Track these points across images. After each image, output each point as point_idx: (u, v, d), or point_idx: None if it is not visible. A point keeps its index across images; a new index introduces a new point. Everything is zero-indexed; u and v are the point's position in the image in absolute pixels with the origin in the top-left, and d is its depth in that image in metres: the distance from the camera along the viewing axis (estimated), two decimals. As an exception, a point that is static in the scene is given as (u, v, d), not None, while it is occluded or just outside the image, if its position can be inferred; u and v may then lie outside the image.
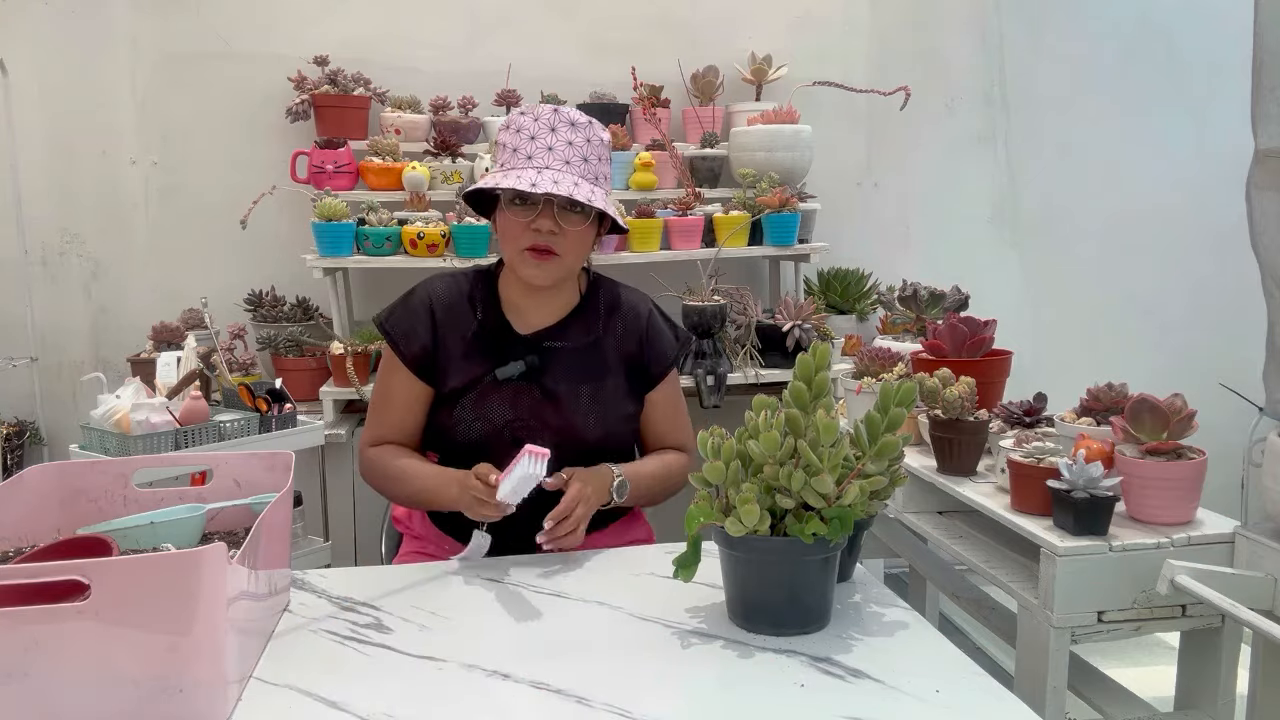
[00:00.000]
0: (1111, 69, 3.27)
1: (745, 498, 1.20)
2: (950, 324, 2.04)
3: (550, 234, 1.55)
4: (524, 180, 1.50)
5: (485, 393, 1.63)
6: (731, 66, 3.05)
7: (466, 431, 1.64)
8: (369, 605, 1.37)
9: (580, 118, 1.58)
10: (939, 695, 1.11)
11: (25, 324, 2.86)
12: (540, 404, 1.64)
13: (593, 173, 1.57)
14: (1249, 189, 1.64)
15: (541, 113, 1.57)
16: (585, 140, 1.57)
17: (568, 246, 1.58)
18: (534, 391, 1.64)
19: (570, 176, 1.53)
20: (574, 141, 1.56)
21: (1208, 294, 3.28)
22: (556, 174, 1.52)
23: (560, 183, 1.50)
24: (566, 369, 1.66)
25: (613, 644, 1.25)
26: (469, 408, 1.63)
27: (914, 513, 1.92)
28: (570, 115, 1.57)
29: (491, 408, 1.63)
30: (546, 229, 1.55)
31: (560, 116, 1.56)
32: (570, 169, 1.54)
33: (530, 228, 1.55)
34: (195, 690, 1.02)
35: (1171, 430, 1.53)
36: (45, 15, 2.85)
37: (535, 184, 1.49)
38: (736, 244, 2.83)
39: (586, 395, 1.65)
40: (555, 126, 1.55)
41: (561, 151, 1.54)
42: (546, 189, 1.49)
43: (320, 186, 2.74)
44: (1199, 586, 1.39)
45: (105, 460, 1.54)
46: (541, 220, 1.55)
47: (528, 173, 1.52)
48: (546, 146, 1.54)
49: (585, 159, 1.56)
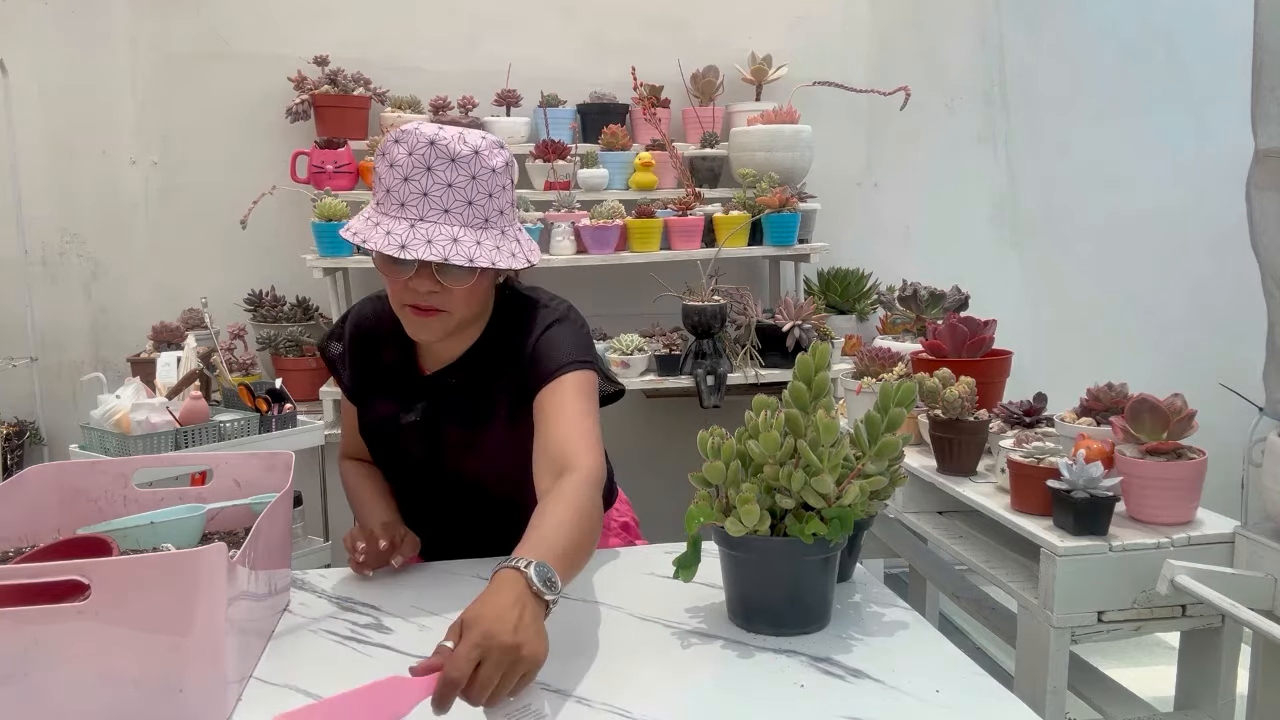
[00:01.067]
0: (1111, 69, 3.27)
1: (745, 498, 1.20)
2: (950, 324, 2.04)
3: (430, 295, 1.36)
4: (392, 240, 1.28)
5: (394, 434, 1.54)
6: (731, 66, 3.05)
7: (393, 469, 1.58)
8: (369, 605, 1.37)
9: (463, 149, 1.31)
10: (939, 695, 1.11)
11: (25, 324, 2.86)
12: (443, 450, 1.51)
13: (480, 215, 1.32)
14: (1249, 189, 1.64)
15: (416, 145, 1.30)
16: (469, 177, 1.31)
17: (455, 303, 1.37)
18: (435, 436, 1.51)
19: (449, 228, 1.30)
20: (454, 182, 1.31)
21: (1208, 294, 3.28)
22: (431, 227, 1.30)
23: (435, 240, 1.29)
24: (463, 411, 1.49)
25: (613, 644, 1.25)
26: (385, 448, 1.57)
27: (914, 513, 1.92)
28: (450, 148, 1.30)
29: (399, 451, 1.54)
30: (425, 290, 1.35)
31: (437, 151, 1.30)
32: (450, 218, 1.31)
33: (407, 286, 1.36)
34: (195, 690, 1.02)
35: (1171, 430, 1.53)
36: (45, 15, 2.85)
37: (405, 245, 1.28)
38: (736, 244, 2.83)
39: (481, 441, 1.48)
40: (431, 164, 1.30)
41: (439, 196, 1.30)
42: (417, 254, 1.27)
43: (320, 186, 2.75)
44: (1199, 586, 1.39)
45: (105, 460, 1.54)
46: (419, 281, 1.34)
47: (399, 226, 1.30)
48: (421, 191, 1.30)
49: (470, 201, 1.31)
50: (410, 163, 1.31)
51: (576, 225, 2.76)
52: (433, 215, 1.31)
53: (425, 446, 1.51)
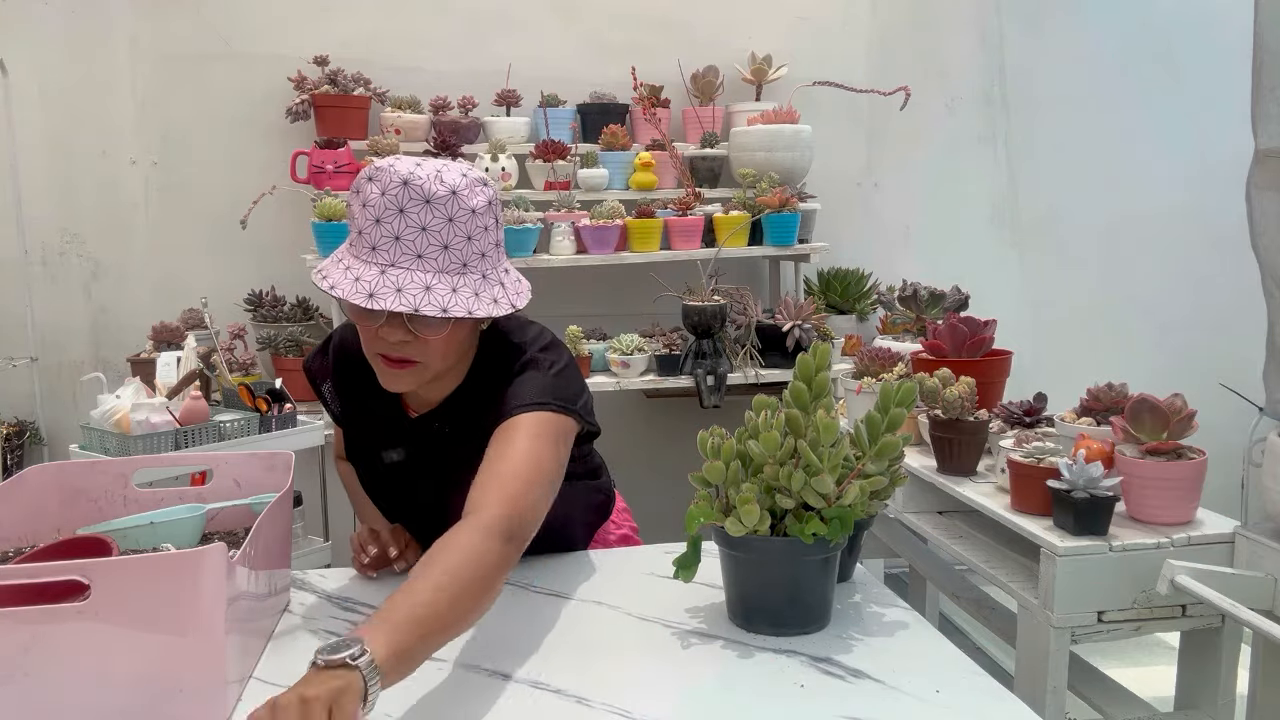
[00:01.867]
0: (1111, 69, 3.27)
1: (745, 498, 1.20)
2: (950, 324, 2.04)
3: (402, 345, 1.28)
4: (361, 287, 1.22)
5: (377, 471, 1.51)
6: (731, 66, 3.05)
7: (375, 498, 1.56)
8: (369, 605, 1.37)
9: (438, 189, 1.23)
10: (939, 695, 1.11)
11: (25, 324, 2.86)
12: (425, 491, 1.46)
13: (457, 260, 1.24)
14: (1249, 189, 1.64)
15: (390, 184, 1.23)
16: (446, 220, 1.23)
17: (429, 354, 1.30)
18: (416, 480, 1.48)
19: (422, 275, 1.22)
20: (429, 226, 1.23)
21: (1208, 294, 3.28)
22: (403, 273, 1.22)
23: (406, 288, 1.21)
24: (447, 457, 1.43)
25: (613, 644, 1.25)
26: (368, 482, 1.55)
27: (914, 513, 1.92)
28: (426, 188, 1.22)
29: (384, 486, 1.53)
30: (395, 341, 1.28)
31: (410, 192, 1.22)
32: (424, 264, 1.23)
33: (376, 336, 1.29)
34: (195, 690, 1.02)
35: (1171, 430, 1.53)
36: (45, 15, 2.85)
37: (374, 294, 1.21)
38: (736, 244, 2.83)
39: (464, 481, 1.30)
40: (404, 206, 1.22)
41: (411, 240, 1.22)
42: (386, 304, 1.20)
43: (320, 186, 2.74)
44: (1199, 586, 1.39)
45: (105, 460, 1.54)
46: (389, 331, 1.27)
47: (369, 271, 1.23)
48: (393, 234, 1.22)
49: (446, 245, 1.23)
50: (383, 203, 1.23)
51: (576, 225, 2.76)
52: (405, 261, 1.23)
53: (407, 484, 1.48)
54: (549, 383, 1.36)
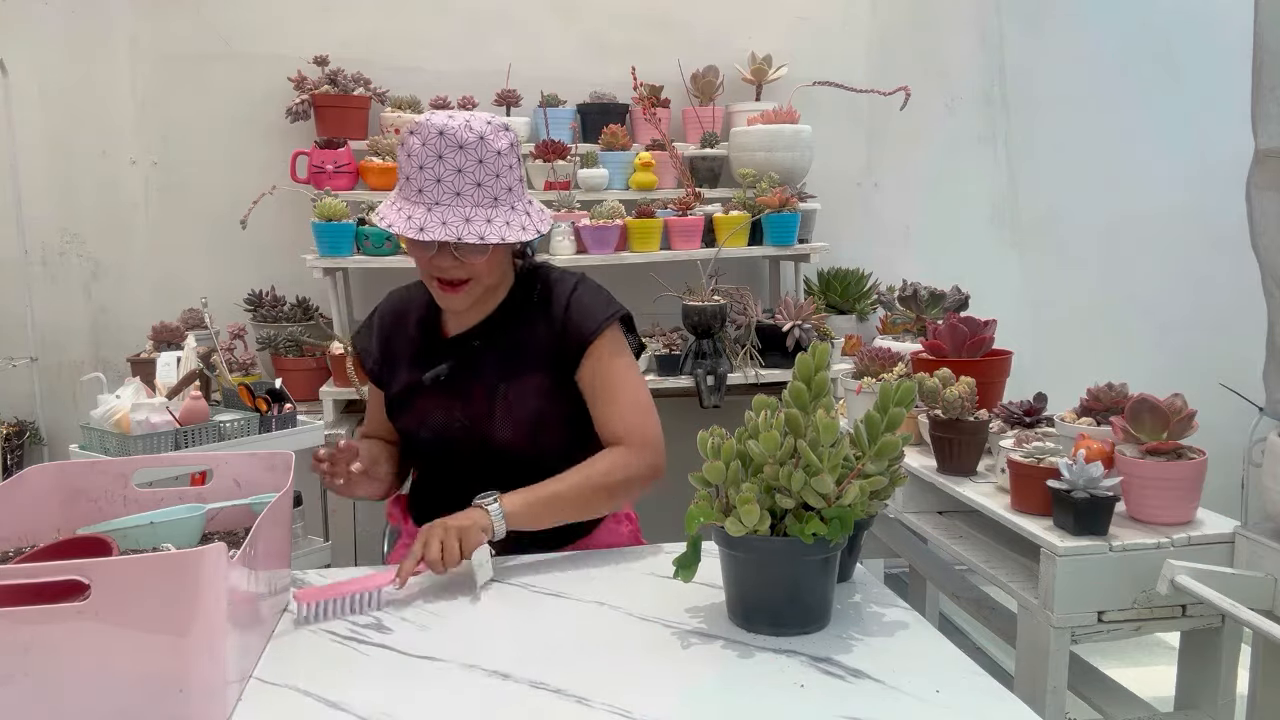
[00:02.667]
0: (1111, 69, 3.27)
1: (745, 498, 1.20)
2: (950, 324, 2.04)
3: (453, 269, 1.51)
4: (413, 223, 1.44)
5: (419, 398, 1.64)
6: (731, 66, 3.05)
7: (413, 434, 1.67)
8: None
9: (469, 136, 1.45)
10: (939, 695, 1.11)
11: (25, 324, 2.86)
12: (464, 405, 1.61)
13: (489, 195, 1.47)
14: (1249, 189, 1.64)
15: (429, 135, 1.45)
16: (477, 161, 1.46)
17: (476, 272, 1.53)
18: (457, 393, 1.62)
19: (461, 210, 1.45)
20: (464, 168, 1.45)
21: (1208, 294, 3.28)
22: (446, 210, 1.45)
23: (449, 222, 1.44)
24: (486, 369, 1.61)
25: (613, 644, 1.25)
26: (410, 414, 1.65)
27: (914, 513, 1.92)
28: (458, 136, 1.45)
29: (426, 410, 1.63)
30: (447, 266, 1.51)
31: (446, 140, 1.45)
32: (462, 200, 1.46)
33: (430, 264, 1.52)
34: (195, 690, 1.02)
35: (1171, 430, 1.53)
36: (45, 15, 2.85)
37: (424, 228, 1.43)
38: (736, 244, 2.83)
39: (501, 393, 1.59)
40: (442, 153, 1.45)
41: (450, 181, 1.45)
42: (434, 236, 1.43)
43: (320, 186, 2.74)
44: (1199, 586, 1.39)
45: (105, 460, 1.54)
46: (439, 259, 1.50)
47: (418, 210, 1.45)
48: (435, 177, 1.45)
49: (479, 184, 1.46)
50: (424, 152, 1.45)
51: (576, 225, 2.76)
52: (446, 199, 1.46)
53: (447, 407, 1.61)
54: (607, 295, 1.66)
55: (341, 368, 2.63)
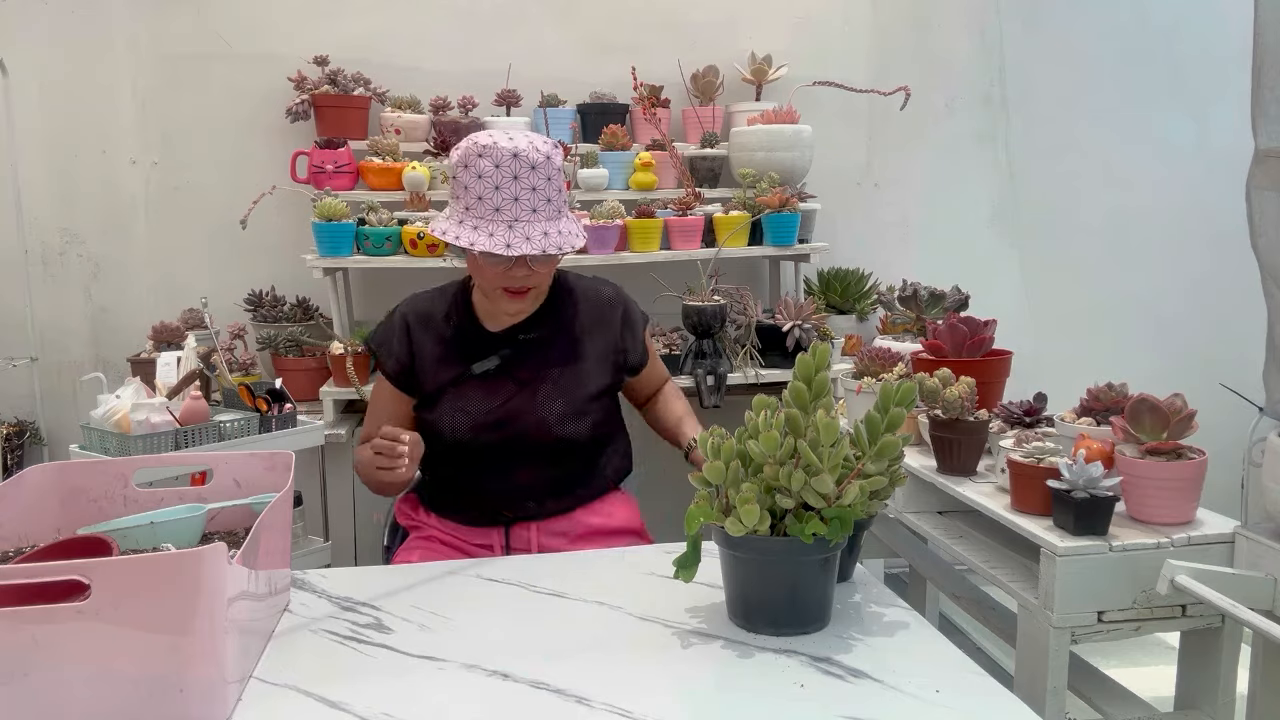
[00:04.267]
0: (1111, 69, 3.27)
1: (745, 498, 1.20)
2: (950, 324, 2.04)
3: (527, 278, 1.65)
4: (497, 241, 1.56)
5: (463, 388, 1.74)
6: (731, 66, 3.05)
7: (451, 424, 1.74)
8: (369, 605, 1.37)
9: (537, 155, 1.59)
10: (939, 695, 1.11)
11: (25, 324, 2.86)
12: (515, 392, 1.74)
13: (555, 209, 1.61)
14: (1249, 189, 1.64)
15: (502, 158, 1.57)
16: (547, 179, 1.59)
17: (541, 279, 1.68)
18: (508, 382, 1.74)
19: (539, 226, 1.58)
20: (537, 186, 1.59)
21: (1207, 293, 3.28)
22: (526, 226, 1.58)
23: (532, 238, 1.57)
24: (538, 358, 1.76)
25: (613, 644, 1.25)
26: (449, 403, 1.74)
27: (914, 513, 1.92)
28: (530, 158, 1.58)
29: (470, 400, 1.73)
30: (521, 275, 1.64)
31: (521, 162, 1.57)
32: (538, 215, 1.59)
33: (505, 275, 1.64)
34: (195, 690, 1.02)
35: (1171, 430, 1.53)
36: (45, 15, 2.85)
37: (510, 245, 1.55)
38: (736, 244, 2.83)
39: (555, 379, 1.75)
40: (518, 174, 1.57)
41: (527, 200, 1.58)
42: (521, 250, 1.56)
43: (320, 186, 2.74)
44: (1199, 586, 1.39)
45: (105, 460, 1.54)
46: (516, 270, 1.63)
47: (499, 230, 1.57)
48: (512, 197, 1.58)
49: (549, 200, 1.60)
50: (498, 174, 1.57)
51: (576, 225, 2.76)
52: (524, 216, 1.58)
53: (495, 395, 1.73)
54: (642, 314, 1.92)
55: (341, 368, 2.63)
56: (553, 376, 1.75)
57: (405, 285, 2.79)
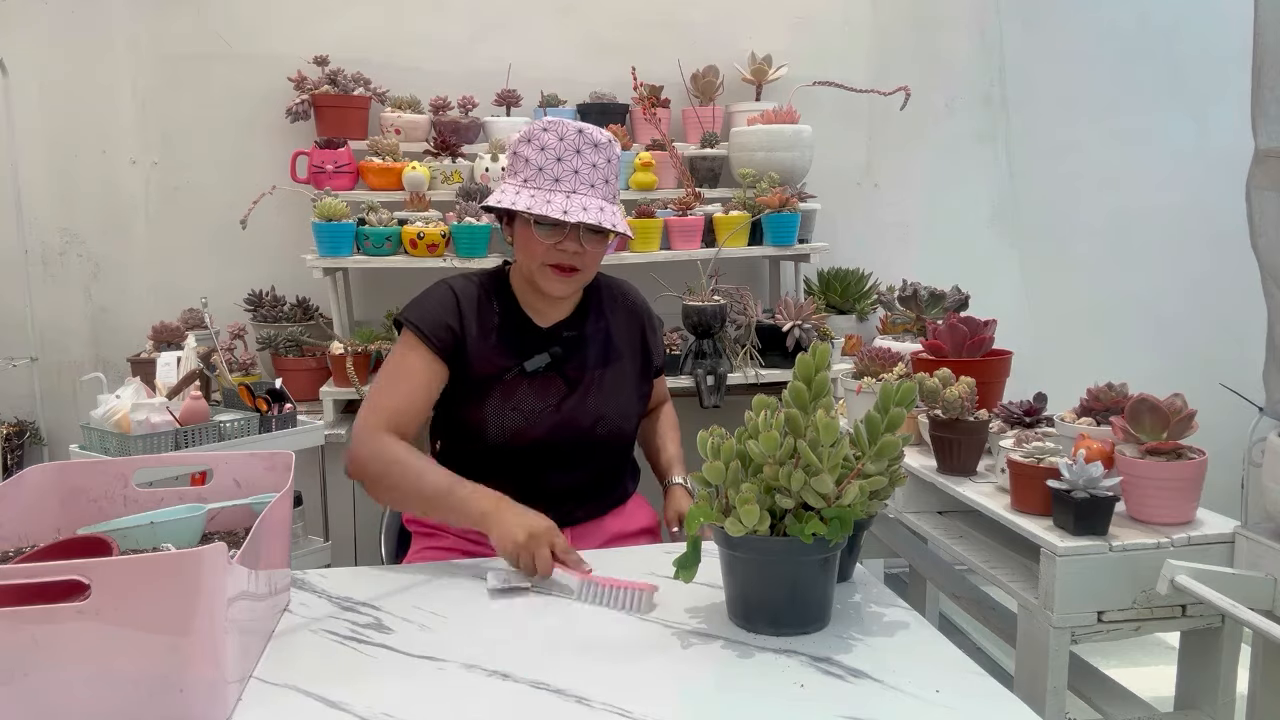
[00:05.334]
0: (1111, 69, 3.27)
1: (745, 498, 1.20)
2: (950, 324, 2.04)
3: (575, 255, 1.62)
4: (554, 207, 1.56)
5: (513, 385, 1.68)
6: (731, 66, 3.05)
7: (500, 423, 1.66)
8: (369, 605, 1.37)
9: (602, 137, 1.61)
10: (939, 695, 1.11)
11: (25, 324, 2.86)
12: (566, 392, 1.71)
13: (611, 192, 1.63)
14: (1249, 189, 1.64)
15: (566, 132, 1.59)
16: (606, 161, 1.61)
17: (588, 262, 1.65)
18: (559, 381, 1.71)
19: (596, 200, 1.59)
20: (597, 164, 1.60)
21: (1207, 294, 3.28)
22: (584, 198, 1.58)
23: (589, 209, 1.57)
24: (585, 356, 1.74)
25: (613, 644, 1.25)
26: (499, 400, 1.67)
27: (914, 513, 1.92)
28: (594, 136, 1.60)
29: (521, 399, 1.68)
30: (572, 250, 1.61)
31: (585, 138, 1.59)
32: (595, 192, 1.60)
33: (556, 248, 1.61)
34: (195, 690, 1.02)
35: (1171, 430, 1.53)
36: (45, 15, 2.85)
37: (567, 211, 1.55)
38: (736, 244, 2.83)
39: (602, 379, 1.74)
40: (580, 148, 1.59)
41: (586, 174, 1.59)
42: (578, 218, 1.55)
43: (320, 186, 2.74)
44: (1199, 586, 1.39)
45: (105, 460, 1.54)
46: (568, 243, 1.60)
47: (557, 197, 1.57)
48: (573, 169, 1.59)
49: (607, 180, 1.61)
50: (561, 147, 1.58)
51: (576, 225, 2.76)
52: (583, 189, 1.59)
53: (545, 393, 1.69)
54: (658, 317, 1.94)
55: (341, 368, 2.63)
56: (598, 377, 1.74)
57: (405, 285, 2.80)
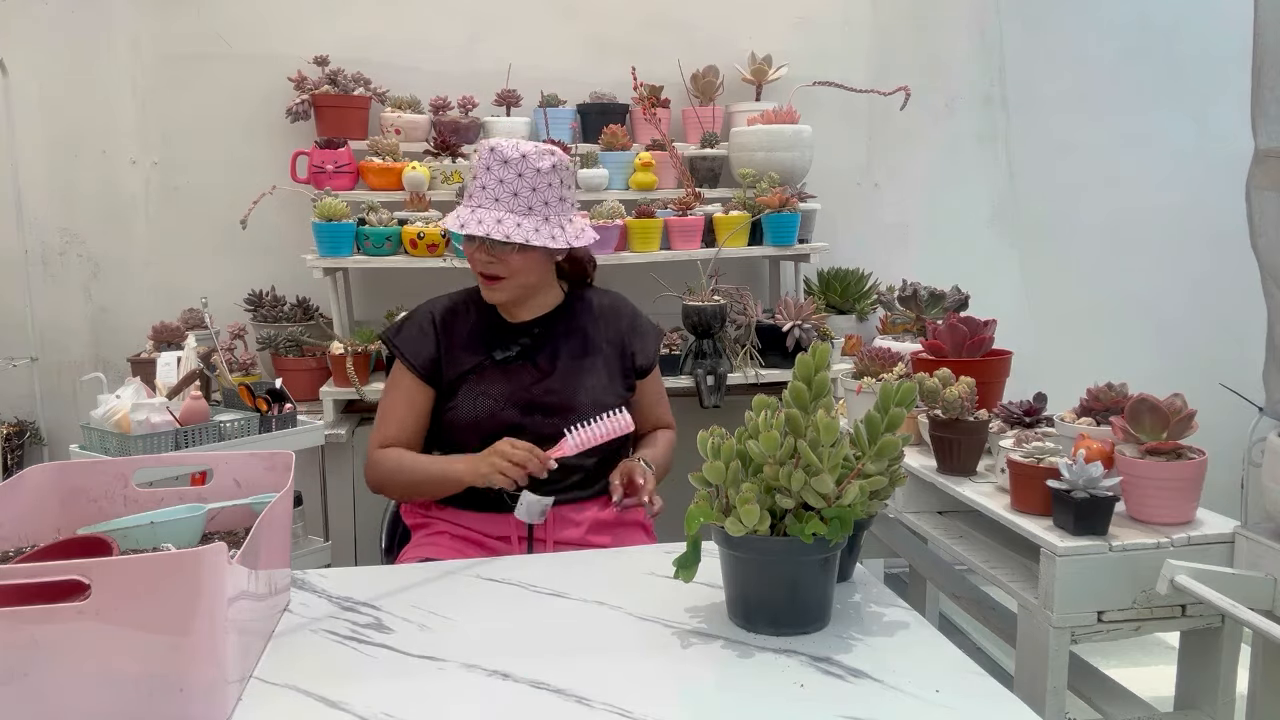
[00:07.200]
0: (1111, 69, 3.27)
1: (745, 498, 1.20)
2: (950, 324, 2.04)
3: (488, 263, 1.73)
4: (457, 220, 1.70)
5: (485, 374, 1.81)
6: (731, 66, 3.05)
7: (471, 408, 1.79)
8: (369, 605, 1.37)
9: (513, 153, 1.69)
10: (939, 695, 1.11)
11: (25, 324, 2.86)
12: (535, 378, 1.81)
13: (524, 204, 1.69)
14: (1249, 189, 1.65)
15: (482, 150, 1.72)
16: (516, 175, 1.68)
17: (511, 270, 1.74)
18: (528, 368, 1.82)
19: (495, 213, 1.68)
20: (504, 179, 1.68)
21: (1207, 293, 3.28)
22: (486, 211, 1.69)
23: (484, 221, 1.68)
24: (557, 348, 1.84)
25: (613, 644, 1.25)
26: (471, 388, 1.80)
27: (914, 513, 1.92)
28: (504, 153, 1.69)
29: (491, 385, 1.80)
30: (484, 260, 1.74)
31: (495, 155, 1.69)
32: (499, 205, 1.69)
33: (471, 257, 1.76)
34: (195, 690, 1.02)
35: (1171, 430, 1.53)
36: (45, 15, 2.85)
37: (464, 224, 1.69)
38: (736, 244, 2.83)
39: (576, 370, 1.83)
40: (490, 165, 1.69)
41: (492, 189, 1.69)
42: (470, 230, 1.68)
43: (320, 186, 2.74)
44: (1199, 586, 1.39)
45: (105, 460, 1.54)
46: (478, 253, 1.74)
47: (464, 212, 1.71)
48: (481, 185, 1.70)
49: (515, 193, 1.69)
50: (479, 166, 1.72)
51: (576, 225, 2.76)
52: (486, 204, 1.70)
53: (514, 378, 1.80)
54: (653, 324, 2.00)
55: (341, 368, 2.63)
56: (570, 367, 1.83)
57: (405, 285, 2.80)
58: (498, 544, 1.78)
